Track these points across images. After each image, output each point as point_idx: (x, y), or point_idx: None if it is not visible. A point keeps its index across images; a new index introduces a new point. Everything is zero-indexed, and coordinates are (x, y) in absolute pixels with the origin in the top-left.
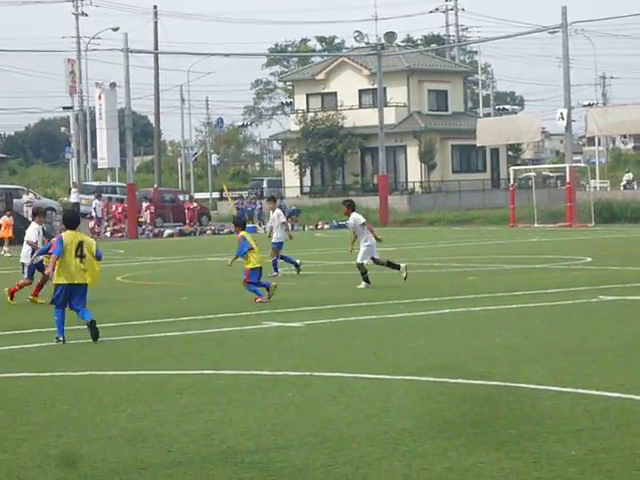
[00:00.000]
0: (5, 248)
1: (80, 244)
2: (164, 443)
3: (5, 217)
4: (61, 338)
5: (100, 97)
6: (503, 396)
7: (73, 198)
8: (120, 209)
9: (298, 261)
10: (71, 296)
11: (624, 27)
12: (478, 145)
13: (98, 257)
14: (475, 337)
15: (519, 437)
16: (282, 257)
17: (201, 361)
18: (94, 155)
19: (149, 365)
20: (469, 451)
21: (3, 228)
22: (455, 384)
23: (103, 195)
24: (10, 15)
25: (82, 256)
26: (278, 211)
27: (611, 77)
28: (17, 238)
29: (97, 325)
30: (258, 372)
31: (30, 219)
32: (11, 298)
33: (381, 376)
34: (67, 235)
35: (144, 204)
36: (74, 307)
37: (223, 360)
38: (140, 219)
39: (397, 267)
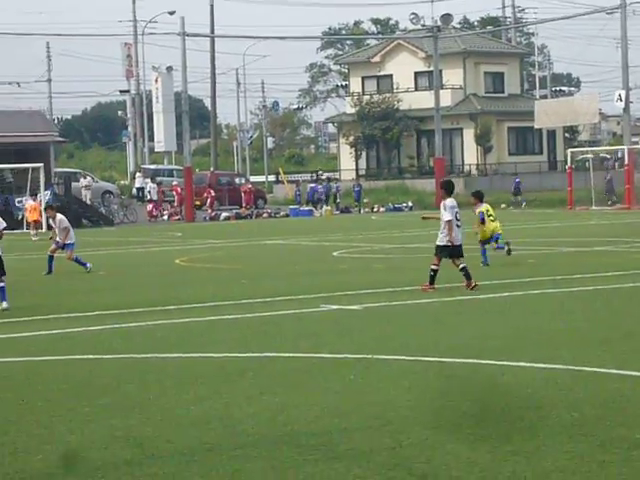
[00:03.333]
0: (32, 231)
1: None
2: (228, 425)
3: (30, 201)
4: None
5: (157, 81)
6: (565, 379)
7: (138, 183)
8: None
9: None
10: None
11: None
12: (536, 127)
13: None
14: (535, 320)
15: (583, 420)
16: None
17: (262, 344)
18: (151, 139)
19: (211, 348)
20: (532, 434)
21: (29, 212)
22: (517, 367)
23: (168, 179)
24: (67, 0)
25: None
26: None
27: None
28: (72, 223)
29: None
30: (318, 355)
31: (88, 202)
32: None
33: (441, 359)
34: None
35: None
36: None
37: (283, 343)
38: (197, 202)
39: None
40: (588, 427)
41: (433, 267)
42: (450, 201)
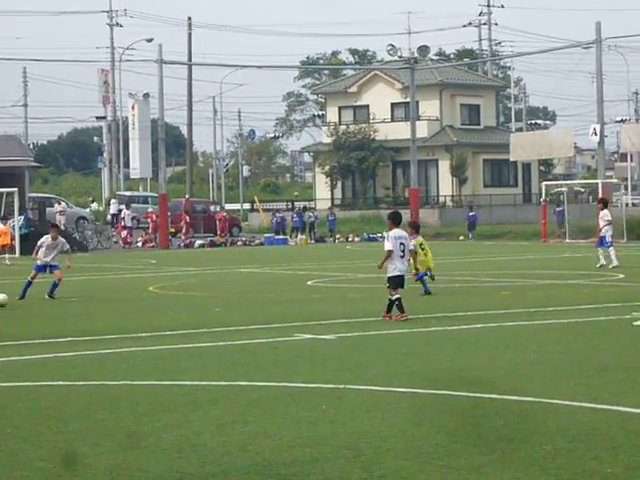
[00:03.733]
0: (6, 256)
1: None
2: (200, 454)
3: (0, 225)
4: None
5: (133, 107)
6: (537, 412)
7: (113, 209)
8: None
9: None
10: None
11: None
12: (511, 160)
13: None
14: (508, 352)
15: (554, 454)
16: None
17: (234, 372)
18: (126, 165)
19: (183, 375)
20: (504, 467)
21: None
22: (489, 399)
23: (143, 206)
24: (45, 25)
25: None
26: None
27: None
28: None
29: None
30: (291, 384)
31: (63, 227)
32: None
33: (414, 390)
34: None
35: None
36: None
37: (256, 371)
38: (172, 230)
39: None
40: (560, 460)
41: (393, 297)
42: (395, 232)
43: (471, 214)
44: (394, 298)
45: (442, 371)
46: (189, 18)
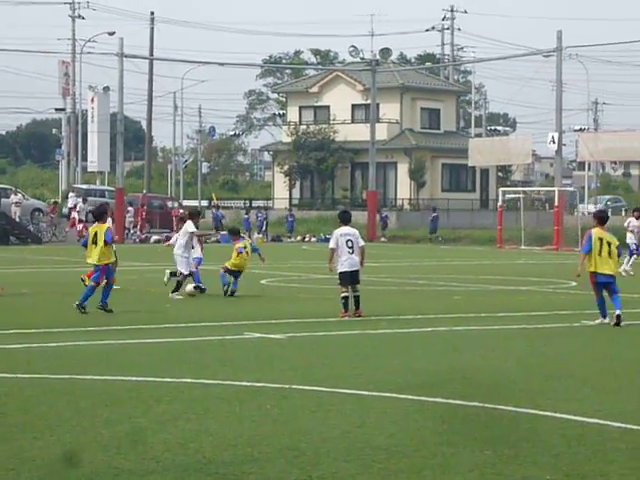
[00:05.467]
0: None
1: (95, 233)
2: (139, 450)
3: None
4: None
5: (93, 100)
6: (481, 417)
7: (70, 203)
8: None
9: None
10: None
11: (617, 54)
12: (469, 165)
13: (106, 241)
14: (456, 357)
15: (495, 459)
16: None
17: (181, 369)
18: (84, 158)
19: (129, 371)
20: (444, 471)
21: None
22: (433, 403)
23: (100, 199)
24: (5, 14)
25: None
26: None
27: (603, 103)
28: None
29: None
30: (237, 382)
31: (17, 219)
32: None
33: (360, 392)
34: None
35: (130, 209)
36: None
37: (203, 369)
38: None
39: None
40: (500, 466)
41: (341, 294)
42: (343, 229)
43: (435, 214)
44: (342, 296)
45: (388, 374)
46: (152, 13)
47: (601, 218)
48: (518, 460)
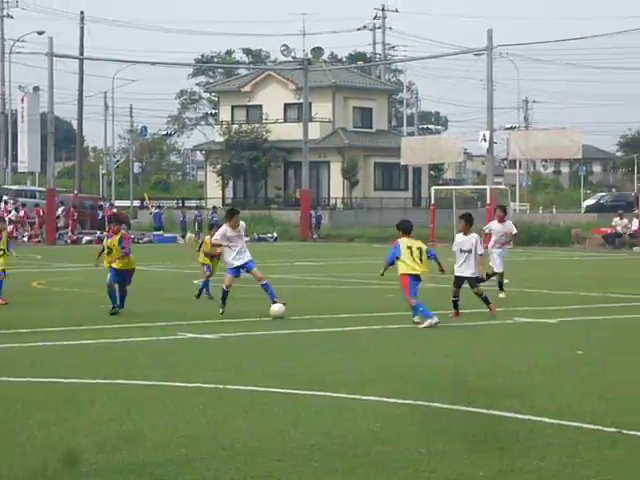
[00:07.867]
0: None
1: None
2: (72, 453)
3: None
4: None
5: (22, 100)
6: (415, 415)
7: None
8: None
9: None
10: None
11: (547, 52)
12: (402, 163)
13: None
14: (390, 355)
15: (429, 456)
16: None
17: (114, 371)
18: (14, 158)
19: (61, 372)
20: (378, 469)
21: None
22: (367, 401)
23: (25, 200)
24: None
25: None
26: None
27: (533, 101)
28: None
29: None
30: (171, 383)
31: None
32: None
33: (294, 391)
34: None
35: (60, 209)
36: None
37: (136, 370)
38: (59, 224)
39: None
40: (434, 463)
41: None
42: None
43: (318, 214)
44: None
45: (323, 372)
46: (82, 12)
47: (406, 229)
48: (452, 457)
